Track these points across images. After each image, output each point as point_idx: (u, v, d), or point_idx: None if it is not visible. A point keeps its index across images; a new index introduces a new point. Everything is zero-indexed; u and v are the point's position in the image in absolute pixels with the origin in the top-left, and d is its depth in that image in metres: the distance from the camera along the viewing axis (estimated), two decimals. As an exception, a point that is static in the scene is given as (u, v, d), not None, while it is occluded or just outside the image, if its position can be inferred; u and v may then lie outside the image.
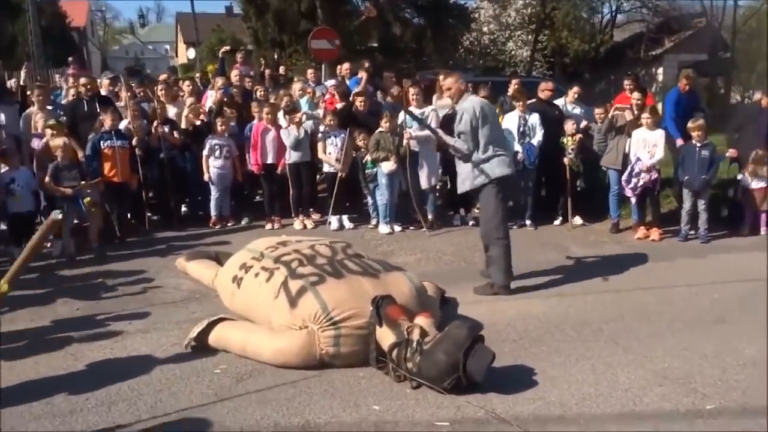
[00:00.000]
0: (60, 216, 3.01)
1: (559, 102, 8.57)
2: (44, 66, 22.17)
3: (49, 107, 8.05)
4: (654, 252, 6.78)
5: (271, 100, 8.76)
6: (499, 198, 5.38)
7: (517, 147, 7.73)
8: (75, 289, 5.76)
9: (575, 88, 8.67)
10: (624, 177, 7.31)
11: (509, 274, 5.45)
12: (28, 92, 8.32)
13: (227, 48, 12.67)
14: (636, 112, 7.55)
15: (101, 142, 7.16)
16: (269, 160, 8.03)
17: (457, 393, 3.56)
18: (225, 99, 8.69)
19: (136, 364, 4.11)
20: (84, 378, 3.93)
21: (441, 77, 5.88)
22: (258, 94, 8.89)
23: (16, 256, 6.60)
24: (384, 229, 7.72)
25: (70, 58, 11.77)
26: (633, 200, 7.45)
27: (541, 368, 3.97)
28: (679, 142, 7.43)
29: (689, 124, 7.18)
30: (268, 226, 8.04)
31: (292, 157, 7.93)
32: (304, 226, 8.02)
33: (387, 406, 3.52)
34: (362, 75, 9.47)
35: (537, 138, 7.84)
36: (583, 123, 8.17)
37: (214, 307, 5.02)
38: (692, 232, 7.27)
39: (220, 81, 9.21)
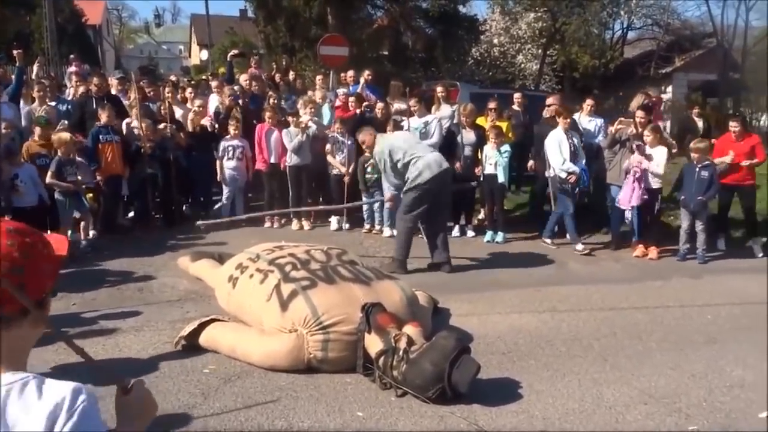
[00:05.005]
0: None
1: (574, 117, 8.58)
2: (58, 63, 22.41)
3: (52, 103, 8.18)
4: (651, 271, 6.79)
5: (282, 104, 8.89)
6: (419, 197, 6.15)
7: (574, 168, 7.26)
8: (73, 284, 5.81)
9: (589, 101, 8.63)
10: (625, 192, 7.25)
11: (406, 253, 6.32)
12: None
13: (235, 52, 12.82)
14: (640, 130, 7.55)
15: (99, 136, 7.38)
16: (272, 160, 8.18)
17: (441, 403, 3.59)
18: (234, 105, 8.79)
19: (127, 361, 4.16)
20: (74, 373, 3.97)
21: (439, 88, 5.99)
22: (271, 101, 8.94)
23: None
24: (386, 232, 7.86)
25: (71, 56, 11.87)
26: (628, 214, 7.37)
27: (528, 382, 3.99)
28: None
29: (691, 145, 7.19)
30: (267, 224, 8.19)
31: (292, 159, 8.04)
32: (301, 227, 8.13)
33: (371, 413, 3.55)
34: (362, 82, 9.65)
35: (582, 159, 7.44)
36: (598, 138, 8.18)
37: (209, 308, 5.06)
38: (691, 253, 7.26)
39: (228, 90, 9.27)
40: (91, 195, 6.93)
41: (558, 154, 7.30)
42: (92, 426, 1.17)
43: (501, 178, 7.69)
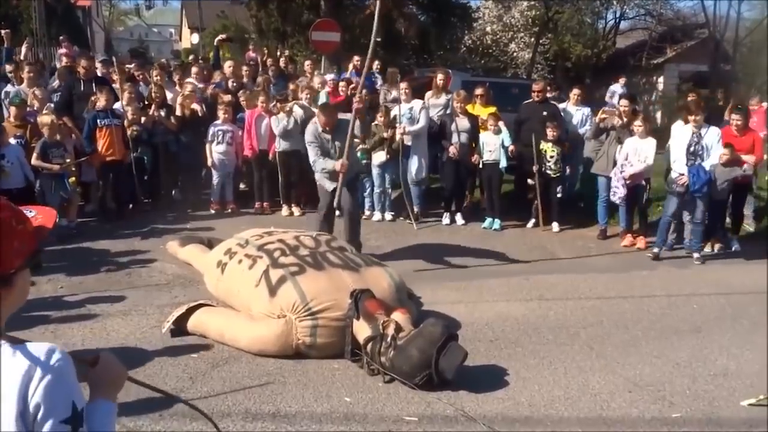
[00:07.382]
0: None
1: (560, 107, 8.59)
2: (47, 44, 22.06)
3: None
4: (638, 260, 6.83)
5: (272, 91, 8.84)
6: None
7: (683, 169, 6.55)
8: (61, 267, 5.78)
9: (576, 90, 8.68)
10: (613, 182, 7.30)
11: None
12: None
13: (223, 37, 12.76)
14: (625, 120, 7.56)
15: (97, 120, 7.25)
16: (261, 147, 8.15)
17: (428, 389, 3.61)
18: (217, 93, 8.74)
19: (114, 345, 4.14)
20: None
21: (440, 75, 5.94)
22: (263, 87, 8.87)
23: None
24: (376, 216, 8.03)
25: (61, 37, 11.75)
26: (621, 207, 7.46)
27: (515, 369, 4.02)
28: None
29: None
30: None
31: (281, 145, 8.02)
32: (291, 213, 8.13)
33: (358, 398, 3.57)
34: (350, 68, 9.67)
35: (711, 160, 6.53)
36: (585, 128, 8.19)
37: (198, 292, 5.06)
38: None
39: (217, 75, 9.21)
40: (73, 179, 6.88)
41: (676, 152, 6.73)
42: (67, 384, 1.19)
43: (504, 162, 7.78)
